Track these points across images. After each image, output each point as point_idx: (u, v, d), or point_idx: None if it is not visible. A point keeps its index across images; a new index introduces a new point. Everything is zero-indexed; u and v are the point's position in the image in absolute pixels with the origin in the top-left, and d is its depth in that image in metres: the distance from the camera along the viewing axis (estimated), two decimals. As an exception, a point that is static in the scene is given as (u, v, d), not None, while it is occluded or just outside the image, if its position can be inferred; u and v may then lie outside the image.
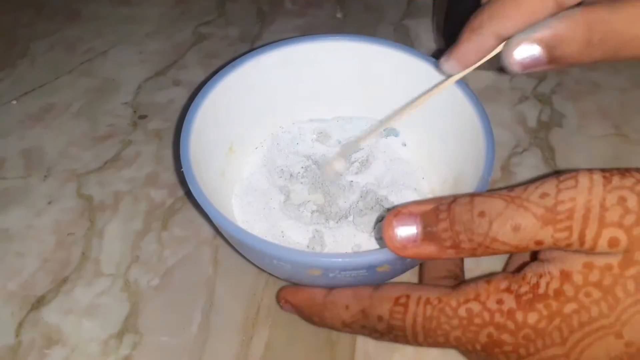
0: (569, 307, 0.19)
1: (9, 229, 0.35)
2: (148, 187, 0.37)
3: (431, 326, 0.22)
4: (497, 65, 0.35)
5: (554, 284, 0.19)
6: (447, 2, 0.43)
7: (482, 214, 0.20)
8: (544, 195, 0.19)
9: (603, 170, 0.19)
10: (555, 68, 0.22)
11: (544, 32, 0.21)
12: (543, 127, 0.41)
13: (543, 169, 0.38)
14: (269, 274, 0.31)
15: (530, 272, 0.20)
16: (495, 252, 0.20)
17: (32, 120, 0.42)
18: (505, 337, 0.20)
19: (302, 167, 0.35)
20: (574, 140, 0.40)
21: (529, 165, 0.38)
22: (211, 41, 0.49)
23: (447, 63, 0.27)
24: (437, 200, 0.21)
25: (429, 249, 0.21)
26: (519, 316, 0.20)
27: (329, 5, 0.53)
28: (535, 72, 0.22)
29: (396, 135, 0.36)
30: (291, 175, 0.34)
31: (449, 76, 0.29)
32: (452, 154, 0.32)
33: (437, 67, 0.31)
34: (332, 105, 0.37)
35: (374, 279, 0.25)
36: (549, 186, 0.19)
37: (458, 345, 0.22)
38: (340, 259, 0.23)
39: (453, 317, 0.21)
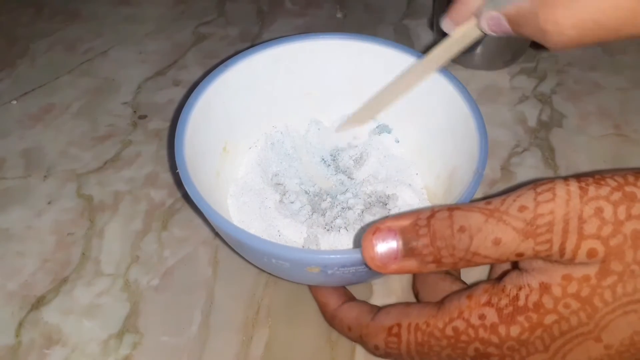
0: (549, 318, 0.20)
1: (9, 229, 0.35)
2: (148, 187, 0.37)
3: (424, 350, 0.23)
4: (497, 65, 0.35)
5: (533, 297, 0.20)
6: (447, 2, 0.43)
7: (462, 229, 0.20)
8: (522, 209, 0.19)
9: (579, 179, 0.20)
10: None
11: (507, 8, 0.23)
12: (543, 127, 0.41)
13: (543, 169, 0.38)
14: (269, 274, 0.31)
15: (510, 284, 0.21)
16: (477, 265, 0.21)
17: (32, 120, 0.42)
18: (491, 349, 0.21)
19: (297, 166, 0.35)
20: (574, 140, 0.40)
21: (529, 165, 0.38)
22: (211, 41, 0.49)
23: (444, 22, 0.29)
24: (415, 215, 0.21)
25: (410, 265, 0.21)
26: (502, 330, 0.21)
27: (329, 5, 0.53)
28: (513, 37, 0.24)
29: (389, 132, 0.36)
30: (286, 174, 0.34)
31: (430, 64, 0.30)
32: (445, 149, 0.32)
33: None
34: (326, 104, 0.37)
35: (372, 274, 0.25)
36: (527, 199, 0.20)
37: None
38: (338, 256, 0.23)
39: (441, 338, 0.22)
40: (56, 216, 0.35)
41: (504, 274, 0.22)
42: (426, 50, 0.30)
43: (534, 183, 0.20)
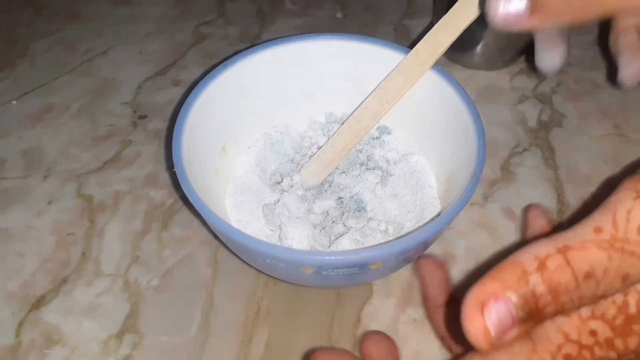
0: None
1: (9, 229, 0.35)
2: (148, 187, 0.37)
3: None
4: (497, 65, 0.35)
5: None
6: (447, 2, 0.43)
7: (588, 276, 0.17)
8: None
9: None
10: (536, 25, 0.21)
11: None
12: (543, 127, 0.41)
13: (543, 169, 0.38)
14: (271, 276, 0.31)
15: None
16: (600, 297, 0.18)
17: (32, 120, 0.42)
18: None
19: (295, 166, 0.35)
20: (574, 140, 0.40)
21: (529, 165, 0.38)
22: (211, 41, 0.49)
23: None
24: (518, 269, 0.17)
25: (530, 325, 0.17)
26: (619, 343, 0.18)
27: (329, 5, 0.53)
28: (518, 32, 0.21)
29: (389, 133, 0.36)
30: (284, 174, 0.34)
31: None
32: (444, 151, 0.32)
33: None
34: (325, 104, 0.37)
35: (367, 277, 0.25)
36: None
37: None
38: (332, 257, 0.23)
39: None
40: (56, 216, 0.35)
41: None
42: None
43: (626, 183, 0.17)
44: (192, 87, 0.31)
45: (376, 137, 0.36)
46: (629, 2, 0.19)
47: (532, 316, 0.17)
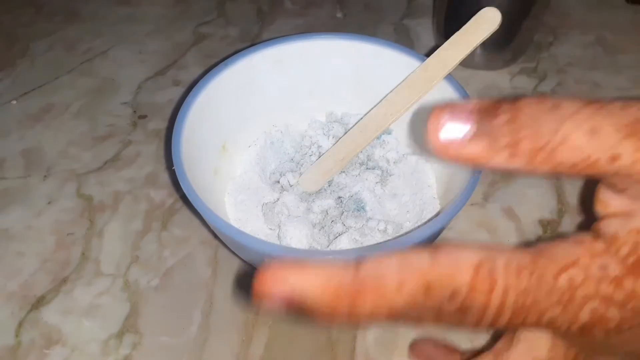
0: None
1: (9, 229, 0.35)
2: (148, 187, 0.37)
3: (525, 303, 0.16)
4: (497, 65, 0.35)
5: None
6: (447, 2, 0.43)
7: (555, 106, 0.16)
8: (625, 108, 0.16)
9: None
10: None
11: None
12: (543, 127, 0.41)
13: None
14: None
15: (623, 229, 0.17)
16: (556, 167, 0.16)
17: (32, 120, 0.42)
18: (612, 312, 0.17)
19: (295, 165, 0.35)
20: (574, 140, 0.40)
21: (529, 165, 0.38)
22: (211, 41, 0.49)
23: None
24: (497, 99, 0.17)
25: (479, 146, 0.16)
26: (628, 283, 0.16)
27: (329, 5, 0.53)
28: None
29: (389, 133, 0.36)
30: (284, 173, 0.34)
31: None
32: None
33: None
34: (325, 104, 0.37)
35: None
36: (635, 104, 0.16)
37: (548, 327, 0.17)
38: (330, 256, 0.23)
39: (553, 289, 0.16)
40: (56, 216, 0.35)
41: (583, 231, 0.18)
42: (428, 51, 0.30)
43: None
44: (192, 87, 0.31)
45: (376, 137, 0.36)
46: None
47: (484, 132, 0.16)
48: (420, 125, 0.34)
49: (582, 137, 0.15)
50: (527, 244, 0.18)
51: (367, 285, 0.16)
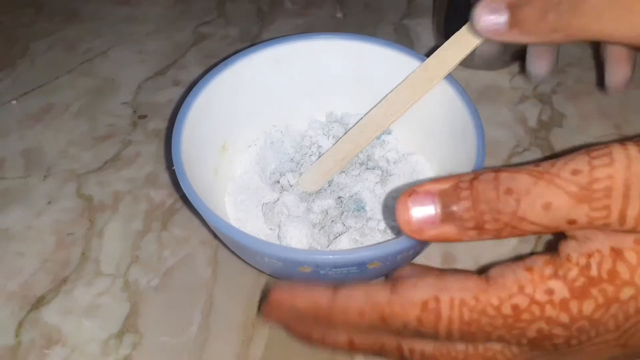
0: (626, 293, 0.18)
1: (9, 229, 0.35)
2: (148, 187, 0.37)
3: (470, 329, 0.19)
4: (497, 65, 0.35)
5: (607, 264, 0.18)
6: (447, 2, 0.43)
7: (508, 192, 0.18)
8: (575, 172, 0.18)
9: (636, 141, 0.18)
10: (514, 39, 0.23)
11: None
12: (543, 127, 0.41)
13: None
14: (270, 275, 0.31)
15: (575, 252, 0.18)
16: (522, 233, 0.19)
17: (32, 120, 0.42)
18: (558, 330, 0.18)
19: (296, 165, 0.35)
20: (574, 140, 0.40)
21: (529, 165, 0.38)
22: (211, 41, 0.49)
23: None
24: (456, 178, 0.20)
25: (449, 231, 0.19)
26: (574, 306, 0.18)
27: (329, 5, 0.53)
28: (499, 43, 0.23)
29: (389, 132, 0.36)
30: (284, 173, 0.34)
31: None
32: (444, 151, 0.32)
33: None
34: (326, 104, 0.37)
35: (364, 276, 0.25)
36: (581, 162, 0.18)
37: (499, 341, 0.20)
38: (330, 256, 0.23)
39: (496, 317, 0.19)
40: (56, 216, 0.35)
41: (556, 246, 0.20)
42: (428, 52, 0.30)
43: (586, 149, 0.19)
44: (192, 87, 0.31)
45: (376, 137, 0.36)
46: (596, 32, 0.21)
47: (452, 217, 0.19)
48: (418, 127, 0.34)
49: (538, 213, 0.18)
50: (482, 270, 0.20)
51: (337, 309, 0.21)
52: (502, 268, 0.20)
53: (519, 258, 0.20)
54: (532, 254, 0.21)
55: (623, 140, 0.18)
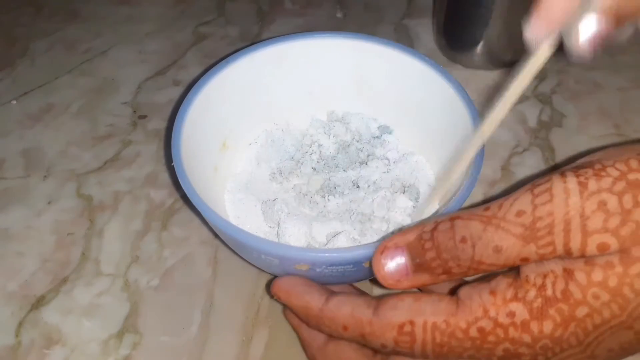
0: (581, 311, 0.19)
1: (9, 229, 0.35)
2: (148, 187, 0.37)
3: (442, 351, 0.21)
4: (497, 65, 0.34)
5: (560, 284, 0.19)
6: (447, 2, 0.43)
7: (463, 240, 0.20)
8: (520, 213, 0.19)
9: (577, 172, 0.19)
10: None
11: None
12: (543, 127, 0.41)
13: (543, 169, 0.38)
14: (269, 273, 0.31)
15: (533, 273, 0.20)
16: (487, 272, 0.20)
17: (32, 120, 0.42)
18: (523, 349, 0.20)
19: (296, 164, 0.35)
20: (574, 140, 0.40)
21: (529, 165, 0.38)
22: (211, 41, 0.49)
23: (533, 25, 0.21)
24: (420, 228, 0.21)
25: (423, 278, 0.21)
26: (534, 327, 0.19)
27: (329, 5, 0.53)
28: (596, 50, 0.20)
29: (390, 132, 0.36)
30: (284, 171, 0.34)
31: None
32: (444, 151, 0.32)
33: (431, 65, 0.31)
34: (327, 102, 0.37)
35: (360, 274, 0.25)
36: (524, 202, 0.19)
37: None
38: (327, 254, 0.23)
39: (464, 339, 0.20)
40: (56, 216, 0.35)
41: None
42: (427, 51, 0.30)
43: (532, 183, 0.20)
44: (193, 85, 0.31)
45: (377, 137, 0.36)
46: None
47: (422, 267, 0.21)
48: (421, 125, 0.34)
49: (492, 256, 0.19)
50: (454, 291, 0.22)
51: (326, 317, 0.23)
52: (470, 290, 0.21)
53: (488, 276, 0.21)
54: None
55: (564, 171, 0.20)
